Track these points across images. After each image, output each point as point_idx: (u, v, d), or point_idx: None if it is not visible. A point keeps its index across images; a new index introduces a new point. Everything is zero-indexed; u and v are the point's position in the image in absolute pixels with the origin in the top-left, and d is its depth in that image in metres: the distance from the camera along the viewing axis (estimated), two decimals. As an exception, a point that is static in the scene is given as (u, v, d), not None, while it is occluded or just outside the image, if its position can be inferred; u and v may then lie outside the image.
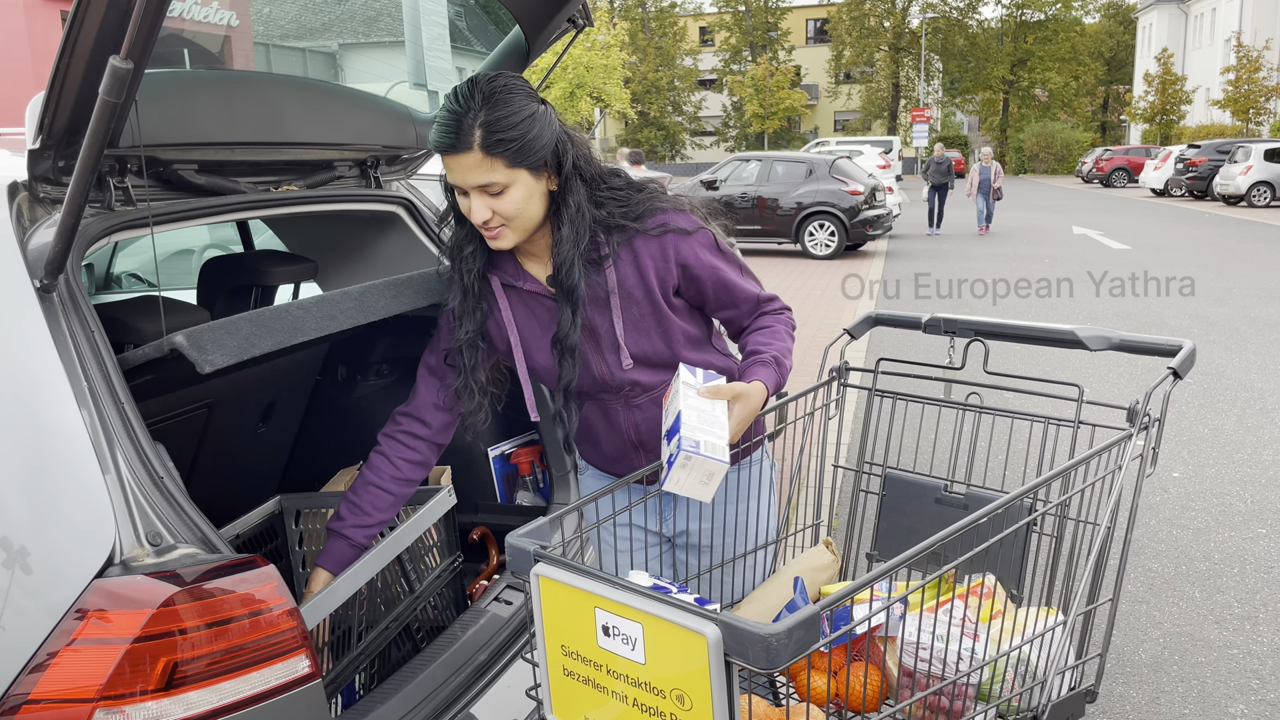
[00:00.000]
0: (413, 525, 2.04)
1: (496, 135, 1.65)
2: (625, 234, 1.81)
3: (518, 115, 1.67)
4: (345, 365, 2.87)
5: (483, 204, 1.71)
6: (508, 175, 1.69)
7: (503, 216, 1.72)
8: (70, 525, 1.36)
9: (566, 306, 1.80)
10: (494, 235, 1.76)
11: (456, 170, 1.70)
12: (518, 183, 1.70)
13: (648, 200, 1.84)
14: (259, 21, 13.11)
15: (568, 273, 1.78)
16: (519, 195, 1.71)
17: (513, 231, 1.76)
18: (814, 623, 1.12)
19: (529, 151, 1.69)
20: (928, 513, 1.84)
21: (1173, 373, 1.57)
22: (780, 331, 1.87)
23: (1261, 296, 11.48)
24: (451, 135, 1.66)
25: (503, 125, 1.66)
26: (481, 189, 1.70)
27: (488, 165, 1.67)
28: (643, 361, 1.85)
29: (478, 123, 1.65)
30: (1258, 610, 3.87)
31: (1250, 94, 37.98)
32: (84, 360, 1.45)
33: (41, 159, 1.55)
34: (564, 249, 1.77)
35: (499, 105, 1.66)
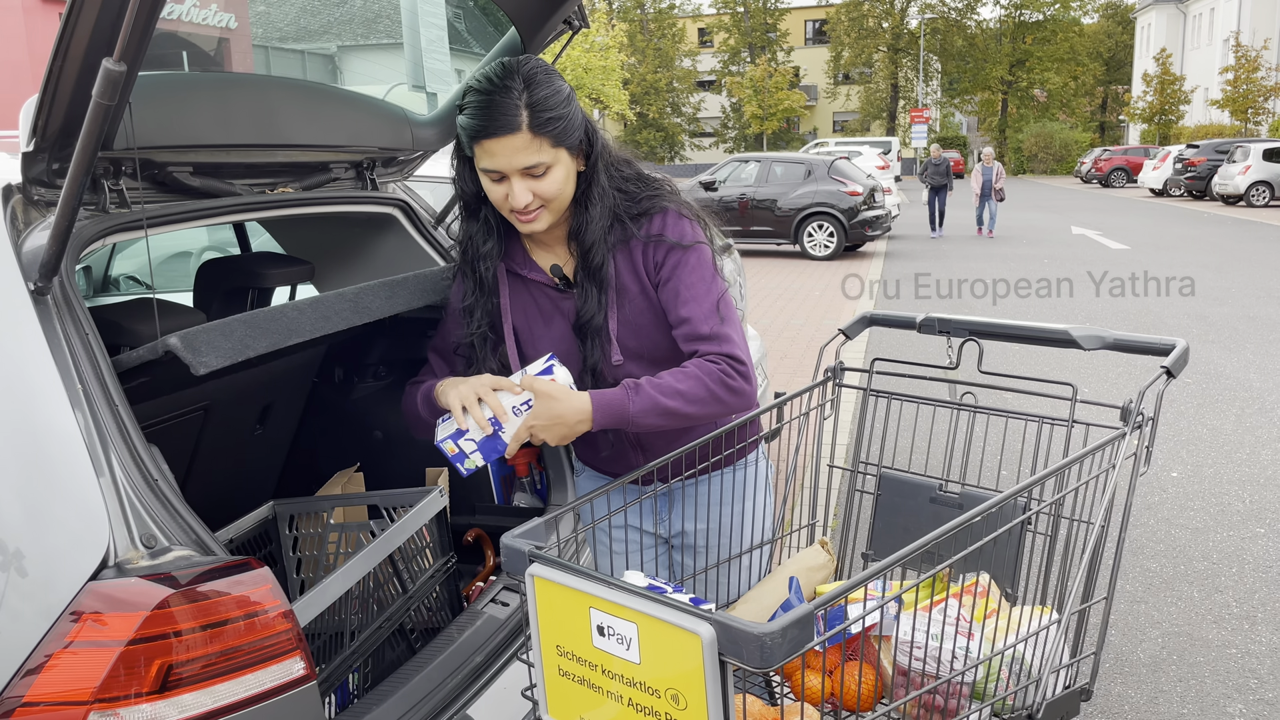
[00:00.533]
0: (404, 525, 2.04)
1: (545, 114, 1.66)
2: (624, 231, 1.81)
3: (560, 94, 1.69)
4: (342, 367, 2.86)
5: (524, 186, 1.71)
6: (552, 155, 1.70)
7: (542, 198, 1.73)
8: (65, 528, 1.36)
9: (593, 287, 1.80)
10: (531, 218, 1.75)
11: (503, 153, 1.68)
12: (560, 163, 1.72)
13: (651, 197, 1.83)
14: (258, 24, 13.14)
15: (595, 251, 1.78)
16: (560, 175, 1.72)
17: (549, 213, 1.76)
18: (808, 622, 1.12)
19: (570, 130, 1.71)
20: (923, 512, 1.84)
21: (1166, 371, 1.57)
22: (690, 374, 1.71)
23: (1260, 296, 11.49)
24: (499, 117, 1.65)
25: (549, 104, 1.67)
26: (526, 171, 1.70)
27: (536, 145, 1.67)
28: (636, 356, 1.85)
29: (524, 102, 1.65)
30: (1256, 610, 3.87)
31: (1249, 94, 38.01)
32: (78, 363, 1.45)
33: (35, 162, 1.55)
34: (594, 229, 1.78)
35: (541, 85, 1.68)
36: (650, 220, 1.82)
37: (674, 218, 1.82)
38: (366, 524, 2.40)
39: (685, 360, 1.77)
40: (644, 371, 1.86)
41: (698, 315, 1.76)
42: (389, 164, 2.52)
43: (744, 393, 1.74)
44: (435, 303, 2.20)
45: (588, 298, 1.81)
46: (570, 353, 1.86)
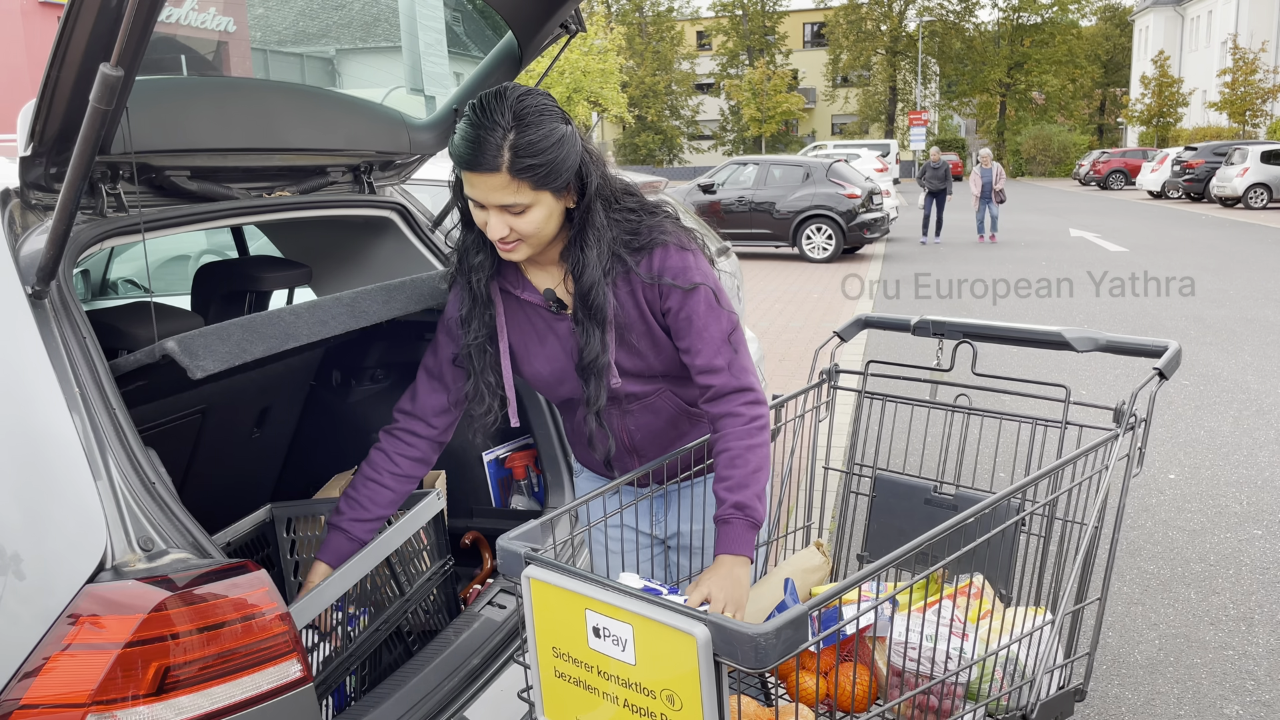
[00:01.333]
0: (401, 528, 2.05)
1: (525, 160, 1.62)
2: (623, 266, 1.79)
3: (548, 140, 1.63)
4: (340, 370, 2.87)
5: (501, 221, 1.69)
6: (532, 197, 1.66)
7: (519, 234, 1.71)
8: (62, 531, 1.37)
9: (594, 327, 1.78)
10: (509, 249, 1.74)
11: (479, 188, 1.66)
12: (540, 204, 1.68)
13: (652, 231, 1.80)
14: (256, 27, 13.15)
15: (595, 293, 1.75)
16: (539, 216, 1.69)
17: (528, 246, 1.74)
18: (802, 622, 1.12)
19: (555, 175, 1.66)
20: (918, 514, 1.84)
21: (1158, 373, 1.58)
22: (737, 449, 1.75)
23: (1258, 298, 11.50)
24: (479, 154, 1.62)
25: (533, 150, 1.62)
26: (504, 208, 1.68)
27: (513, 187, 1.64)
28: (634, 375, 1.85)
29: (506, 144, 1.61)
30: (1253, 611, 3.87)
31: (1247, 96, 38.06)
32: (76, 366, 1.46)
33: (33, 166, 1.56)
34: (591, 272, 1.74)
35: (529, 128, 1.62)
36: (651, 256, 1.79)
37: (675, 253, 1.79)
38: (364, 527, 2.40)
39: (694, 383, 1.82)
40: (641, 388, 1.86)
41: (710, 349, 1.77)
42: (386, 168, 2.53)
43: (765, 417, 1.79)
44: (432, 306, 2.21)
45: (590, 338, 1.79)
46: (564, 371, 1.86)
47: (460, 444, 2.72)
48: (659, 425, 1.92)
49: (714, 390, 1.78)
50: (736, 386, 1.77)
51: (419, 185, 3.63)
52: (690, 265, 1.79)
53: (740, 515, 1.71)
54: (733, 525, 1.71)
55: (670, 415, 1.92)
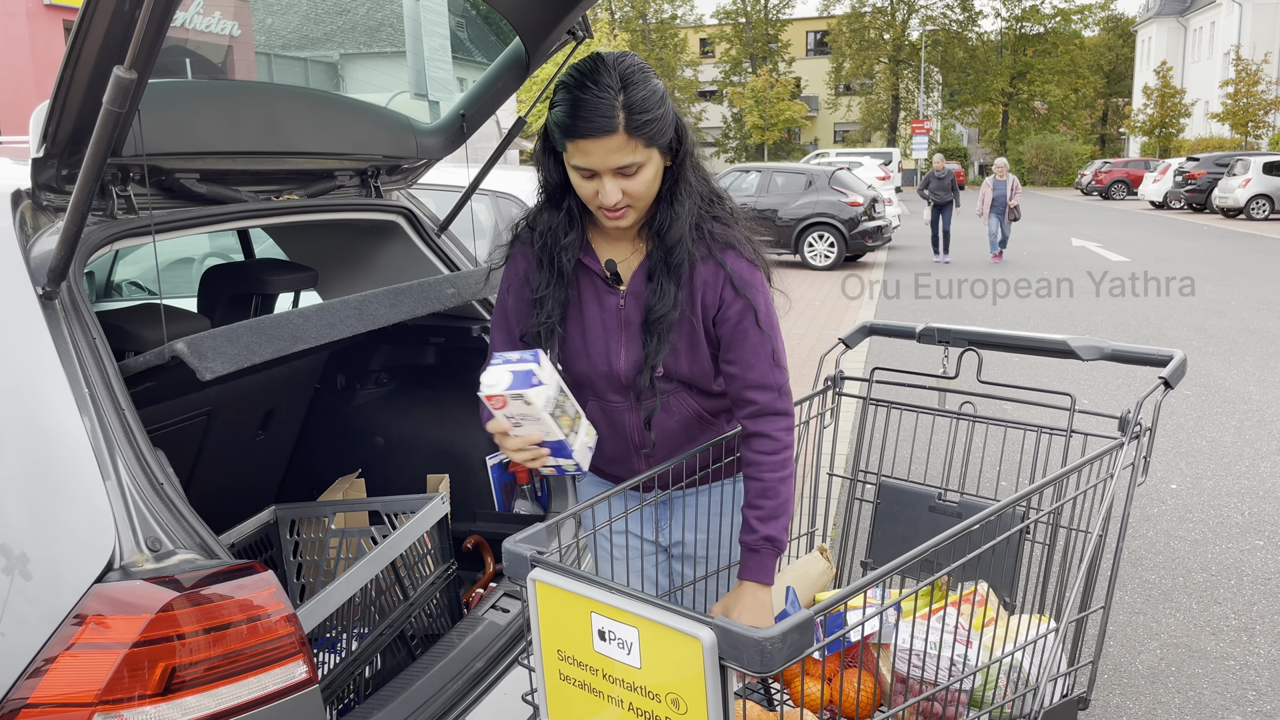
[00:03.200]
0: (406, 532, 2.05)
1: (641, 116, 1.65)
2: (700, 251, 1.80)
3: (655, 94, 1.68)
4: (345, 374, 2.88)
5: (616, 185, 1.70)
6: (645, 155, 1.69)
7: (631, 197, 1.72)
8: (70, 531, 1.37)
9: (671, 285, 1.78)
10: (619, 215, 1.75)
11: (598, 153, 1.67)
12: (651, 162, 1.71)
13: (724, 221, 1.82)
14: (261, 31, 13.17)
15: (679, 248, 1.77)
16: (650, 174, 1.72)
17: (635, 211, 1.75)
18: (808, 627, 1.13)
19: (664, 131, 1.70)
20: (922, 521, 1.85)
21: (1164, 382, 1.59)
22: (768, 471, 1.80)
23: (1260, 309, 11.50)
24: (596, 118, 1.64)
25: (645, 105, 1.66)
26: (619, 171, 1.69)
27: (631, 147, 1.67)
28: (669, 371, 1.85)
29: (620, 104, 1.65)
30: (1254, 622, 3.87)
31: (1249, 107, 38.09)
32: (85, 367, 1.46)
33: (45, 167, 1.57)
34: (679, 225, 1.77)
35: (637, 86, 1.66)
36: (725, 251, 1.80)
37: (744, 259, 1.81)
38: (367, 529, 2.41)
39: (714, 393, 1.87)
40: (671, 389, 1.86)
41: (762, 366, 1.80)
42: (393, 172, 2.53)
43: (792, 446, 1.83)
44: (439, 311, 2.22)
45: (663, 294, 1.79)
46: (594, 344, 1.85)
47: (464, 448, 2.73)
48: (672, 427, 1.91)
49: (758, 408, 1.81)
50: (780, 410, 1.81)
51: (425, 190, 3.64)
52: (757, 277, 1.81)
53: (769, 547, 1.78)
54: (761, 555, 1.78)
55: (684, 418, 1.91)
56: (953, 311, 11.74)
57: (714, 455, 1.91)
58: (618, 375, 1.85)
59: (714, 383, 1.89)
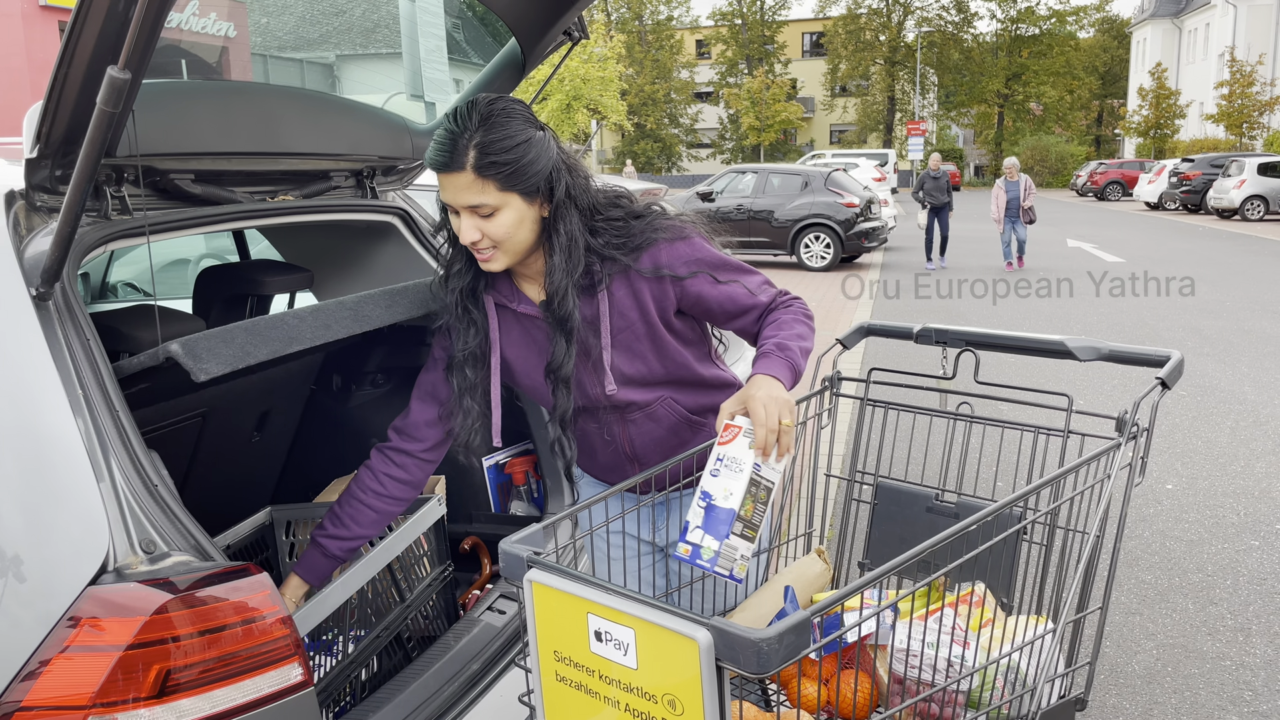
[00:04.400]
0: (402, 534, 2.05)
1: (490, 158, 1.65)
2: (619, 265, 1.79)
3: (513, 140, 1.67)
4: (340, 375, 2.87)
5: (472, 225, 1.70)
6: (499, 198, 1.68)
7: (492, 239, 1.72)
8: (64, 533, 1.36)
9: (560, 336, 1.79)
10: (485, 258, 1.75)
11: (449, 189, 1.69)
12: (509, 206, 1.70)
13: (645, 231, 1.80)
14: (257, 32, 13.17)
15: (560, 302, 1.76)
16: (509, 219, 1.70)
17: (503, 254, 1.75)
18: (804, 628, 1.12)
19: (521, 176, 1.68)
20: (919, 522, 1.85)
21: (1161, 383, 1.59)
22: (785, 320, 1.79)
23: (1254, 310, 11.53)
24: (446, 154, 1.66)
25: (496, 148, 1.65)
26: (472, 209, 1.69)
27: (479, 186, 1.67)
28: (634, 382, 1.85)
29: (472, 144, 1.65)
30: (1250, 622, 3.87)
31: (1243, 108, 38.19)
32: (79, 368, 1.46)
33: (39, 168, 1.56)
34: (556, 277, 1.75)
35: (495, 128, 1.66)
36: (646, 253, 1.79)
37: (674, 246, 1.80)
38: (363, 531, 2.40)
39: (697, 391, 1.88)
40: (642, 396, 1.86)
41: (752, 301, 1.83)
42: (389, 173, 2.53)
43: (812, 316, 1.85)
44: (434, 311, 2.21)
45: (556, 345, 1.80)
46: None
47: (459, 459, 2.72)
48: (660, 433, 1.93)
49: (760, 311, 1.83)
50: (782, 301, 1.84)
51: (421, 190, 3.63)
52: (693, 250, 1.81)
53: (780, 353, 1.71)
54: (769, 357, 1.70)
55: (672, 424, 1.92)
56: (951, 312, 11.77)
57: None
58: (595, 398, 1.87)
59: (698, 368, 1.90)
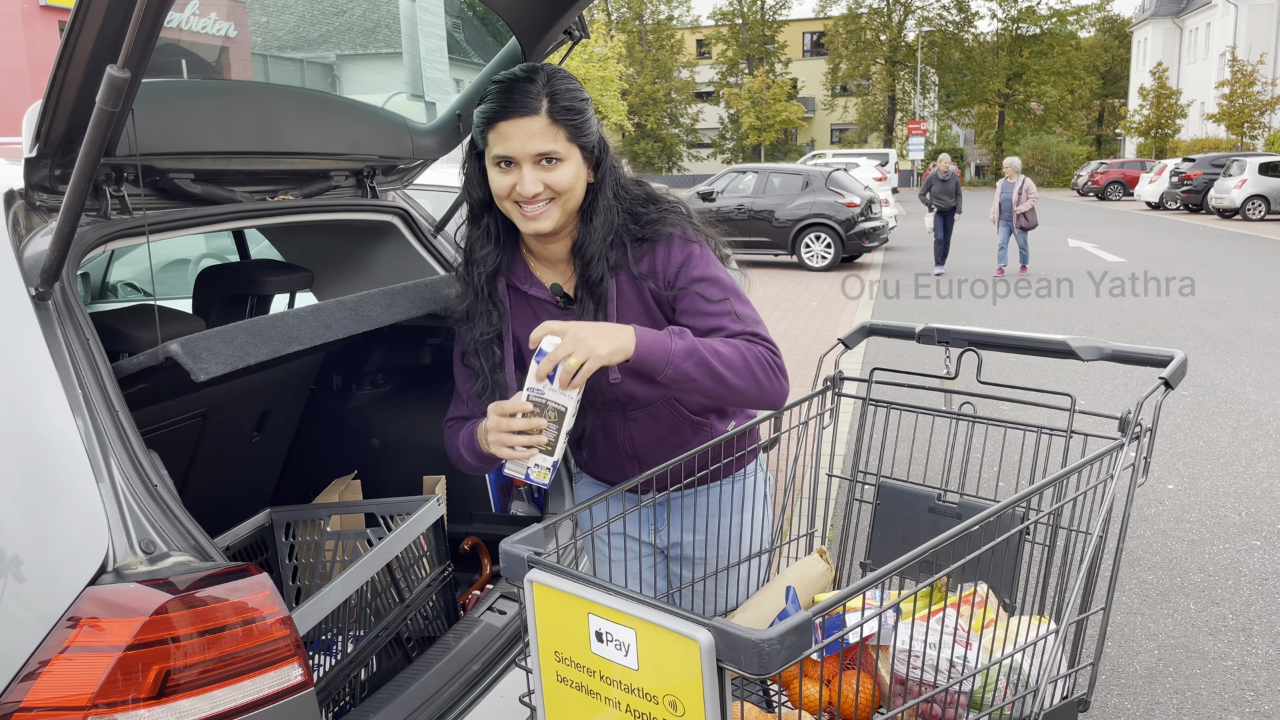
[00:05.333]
0: (402, 534, 2.04)
1: (563, 103, 1.68)
2: (624, 255, 1.79)
3: (579, 94, 1.72)
4: (340, 375, 2.87)
5: (535, 176, 1.69)
6: (566, 148, 1.70)
7: (553, 190, 1.71)
8: (64, 533, 1.36)
9: (590, 302, 1.79)
10: (538, 213, 1.72)
11: (518, 136, 1.67)
12: (572, 159, 1.72)
13: (657, 221, 1.80)
14: (257, 32, 13.18)
15: (594, 266, 1.77)
16: (571, 172, 1.72)
17: (558, 209, 1.74)
18: (806, 629, 1.12)
19: (584, 131, 1.72)
20: (921, 522, 1.84)
21: (1164, 383, 1.58)
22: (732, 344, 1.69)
23: (1256, 309, 11.52)
24: (519, 99, 1.66)
25: (569, 96, 1.69)
26: (539, 158, 1.69)
27: (552, 133, 1.68)
28: (635, 375, 1.85)
29: (545, 90, 1.67)
30: (1252, 622, 3.87)
31: (1244, 108, 38.17)
32: (79, 368, 1.45)
33: (38, 167, 1.55)
34: (594, 242, 1.77)
35: (563, 80, 1.70)
36: (654, 251, 1.79)
37: (679, 247, 1.79)
38: (363, 532, 2.40)
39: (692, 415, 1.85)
40: (643, 391, 1.86)
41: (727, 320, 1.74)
42: (389, 172, 2.52)
43: (778, 382, 1.71)
44: (434, 311, 2.21)
45: (584, 313, 1.79)
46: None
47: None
48: (660, 432, 1.92)
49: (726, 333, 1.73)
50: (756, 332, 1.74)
51: (421, 190, 3.63)
52: (692, 258, 1.78)
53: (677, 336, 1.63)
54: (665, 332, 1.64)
55: (672, 423, 1.91)
56: (951, 311, 11.77)
57: (711, 457, 1.91)
58: (597, 388, 1.86)
59: None
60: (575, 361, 1.56)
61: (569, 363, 1.56)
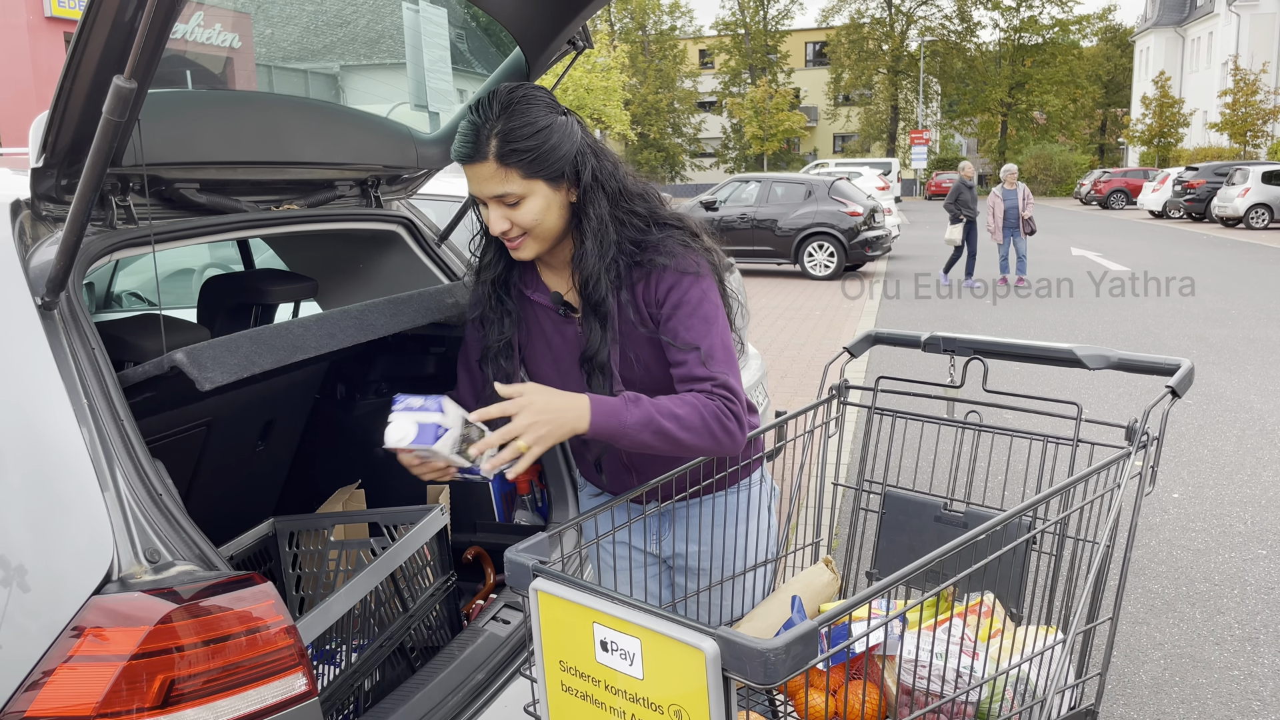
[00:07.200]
0: (406, 543, 2.04)
1: (511, 145, 1.66)
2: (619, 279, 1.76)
3: (533, 126, 1.67)
4: (344, 384, 2.87)
5: (500, 214, 1.71)
6: (523, 186, 1.69)
7: (521, 226, 1.72)
8: (68, 542, 1.36)
9: (594, 321, 1.77)
10: (515, 245, 1.76)
11: (474, 180, 1.70)
12: (534, 194, 1.70)
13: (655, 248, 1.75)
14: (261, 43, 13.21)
15: (595, 286, 1.75)
16: (536, 206, 1.71)
17: (534, 240, 1.75)
18: (812, 638, 1.12)
19: (544, 163, 1.68)
20: (927, 531, 1.84)
21: (1171, 391, 1.58)
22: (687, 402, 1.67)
23: (1260, 318, 11.50)
24: (469, 145, 1.67)
25: (518, 135, 1.66)
26: (498, 199, 1.70)
27: (502, 175, 1.67)
28: (637, 386, 1.84)
29: (494, 133, 1.66)
30: (1258, 632, 3.85)
31: (1247, 117, 38.16)
32: (84, 377, 1.45)
33: (45, 177, 1.56)
34: (589, 263, 1.74)
35: (515, 115, 1.67)
36: (647, 279, 1.76)
37: (670, 276, 1.74)
38: (367, 541, 2.40)
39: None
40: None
41: (693, 359, 1.72)
42: (393, 182, 2.53)
43: (734, 435, 1.69)
44: (439, 320, 2.21)
45: (591, 331, 1.78)
46: (568, 375, 1.85)
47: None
48: None
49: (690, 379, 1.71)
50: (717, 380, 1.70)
51: (425, 200, 3.63)
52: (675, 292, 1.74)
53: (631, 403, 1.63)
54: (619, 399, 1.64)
55: None
56: (953, 310, 11.79)
57: (717, 465, 1.90)
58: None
59: None
60: (523, 445, 1.55)
61: (517, 444, 1.55)
